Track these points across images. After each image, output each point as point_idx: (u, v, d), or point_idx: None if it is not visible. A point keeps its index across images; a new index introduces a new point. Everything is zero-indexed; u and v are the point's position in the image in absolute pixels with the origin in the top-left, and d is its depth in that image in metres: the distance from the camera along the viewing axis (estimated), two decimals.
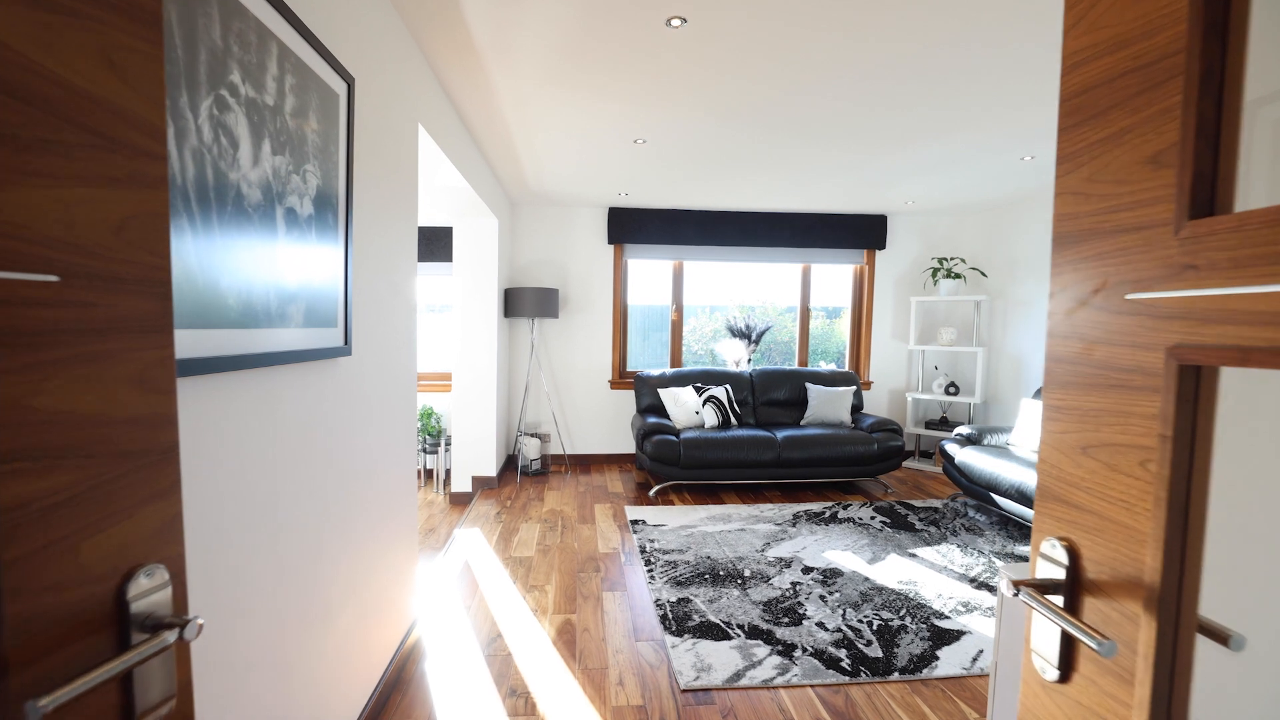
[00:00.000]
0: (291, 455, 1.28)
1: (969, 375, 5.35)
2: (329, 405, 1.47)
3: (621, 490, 4.41)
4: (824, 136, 3.18)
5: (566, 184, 4.28)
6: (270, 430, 1.18)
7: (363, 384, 1.68)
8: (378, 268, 1.76)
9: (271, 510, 1.19)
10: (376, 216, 1.75)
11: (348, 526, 1.61)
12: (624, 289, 5.27)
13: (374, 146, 1.71)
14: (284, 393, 1.23)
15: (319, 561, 1.43)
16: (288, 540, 1.26)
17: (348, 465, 1.61)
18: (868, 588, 2.81)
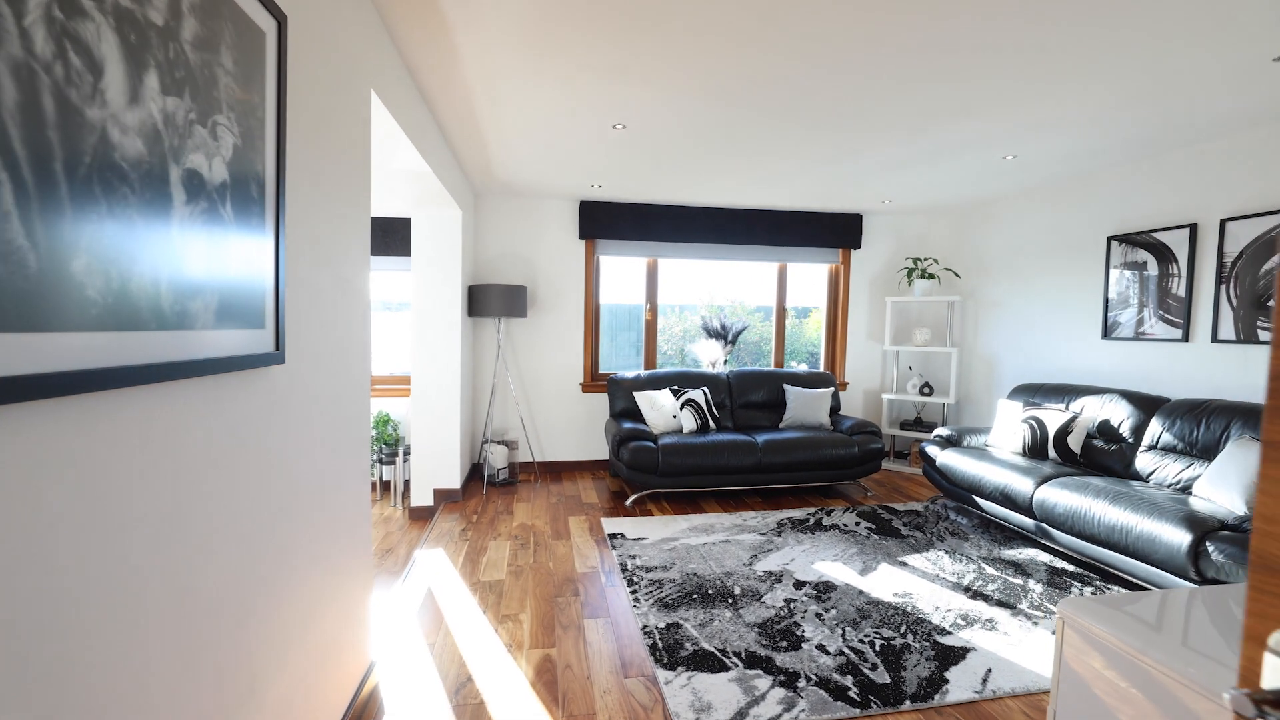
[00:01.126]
0: (201, 496, 0.99)
1: (942, 376, 5.31)
2: (256, 426, 1.18)
3: (596, 500, 4.16)
4: (810, 123, 3.00)
5: (537, 173, 4.00)
6: (165, 469, 0.89)
7: (302, 396, 1.39)
8: (322, 257, 1.47)
9: (168, 580, 0.91)
10: (321, 196, 1.45)
11: (285, 571, 1.32)
12: (596, 287, 5.02)
13: (317, 110, 1.42)
14: (186, 417, 0.94)
15: (244, 625, 1.14)
16: (195, 614, 0.97)
17: (284, 496, 1.32)
18: (864, 602, 2.64)
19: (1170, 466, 3.07)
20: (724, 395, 4.78)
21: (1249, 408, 2.87)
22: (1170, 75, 2.41)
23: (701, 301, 5.57)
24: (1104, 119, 2.88)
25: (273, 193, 1.15)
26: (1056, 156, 3.47)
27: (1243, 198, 3.09)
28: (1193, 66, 2.34)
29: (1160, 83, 2.47)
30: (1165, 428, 3.16)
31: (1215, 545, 2.36)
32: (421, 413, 3.89)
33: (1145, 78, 2.44)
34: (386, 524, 3.71)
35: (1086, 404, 3.61)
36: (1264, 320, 3.00)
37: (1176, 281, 3.39)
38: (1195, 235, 3.30)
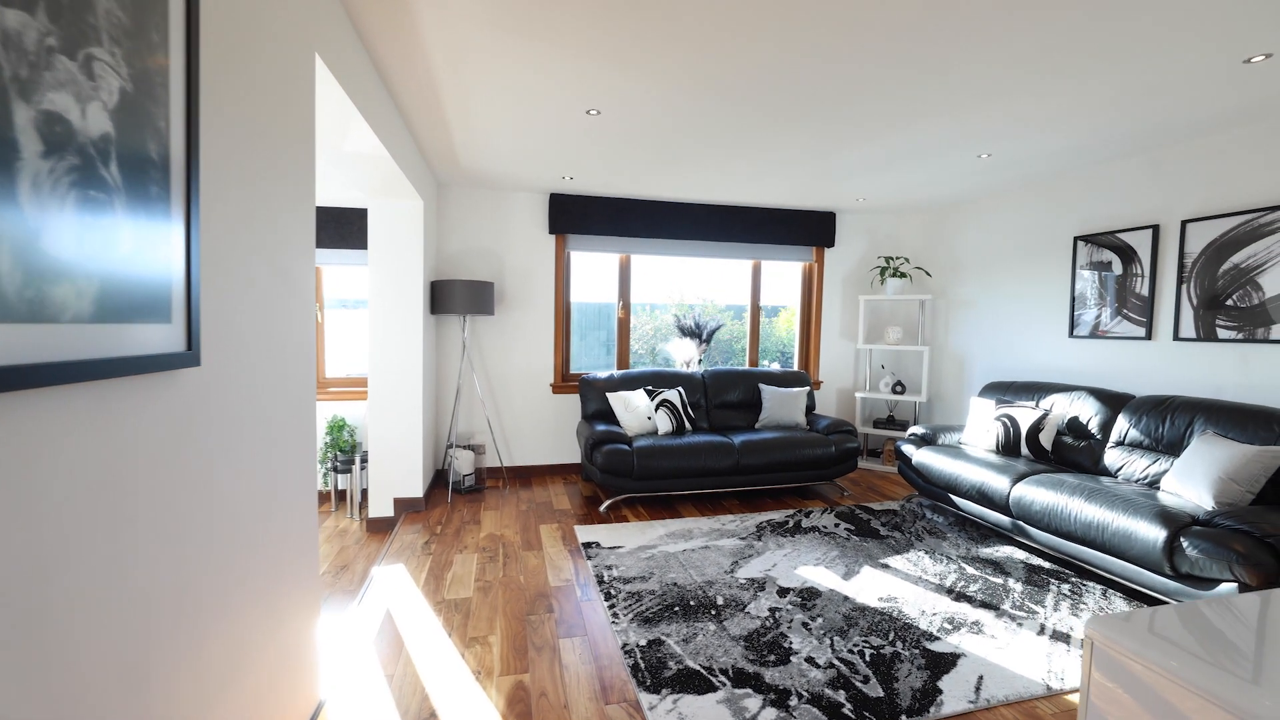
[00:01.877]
0: (76, 535, 0.80)
1: (913, 374, 5.34)
2: (161, 440, 0.98)
3: (568, 506, 3.99)
4: (790, 116, 2.91)
5: (505, 162, 3.81)
6: (22, 507, 0.70)
7: (225, 402, 1.20)
8: (255, 244, 1.28)
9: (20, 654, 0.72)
10: (253, 171, 1.26)
11: (206, 614, 1.13)
12: (566, 284, 4.84)
13: (246, 68, 1.22)
14: (50, 433, 0.75)
15: (146, 684, 0.95)
16: (71, 687, 0.79)
17: (202, 523, 1.13)
18: (849, 609, 2.57)
19: (1137, 462, 3.11)
20: (699, 395, 4.68)
21: (1210, 404, 2.91)
22: (1139, 79, 2.41)
23: (672, 300, 5.46)
24: (1076, 120, 2.88)
25: (182, 159, 0.96)
26: (1029, 157, 3.48)
27: (1201, 200, 3.14)
28: (1162, 70, 2.34)
29: (1128, 87, 2.47)
30: (1132, 424, 3.20)
31: (1189, 541, 2.36)
32: (380, 417, 3.65)
33: (1116, 81, 2.43)
34: (342, 537, 3.46)
35: (1056, 401, 3.64)
36: (1222, 319, 3.06)
37: (1140, 281, 3.44)
38: (1157, 236, 3.35)
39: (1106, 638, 1.07)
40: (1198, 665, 0.95)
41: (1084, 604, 2.64)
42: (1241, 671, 0.96)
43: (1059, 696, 2.00)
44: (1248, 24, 2.02)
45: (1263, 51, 2.20)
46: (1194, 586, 2.38)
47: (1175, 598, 2.45)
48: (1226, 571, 2.26)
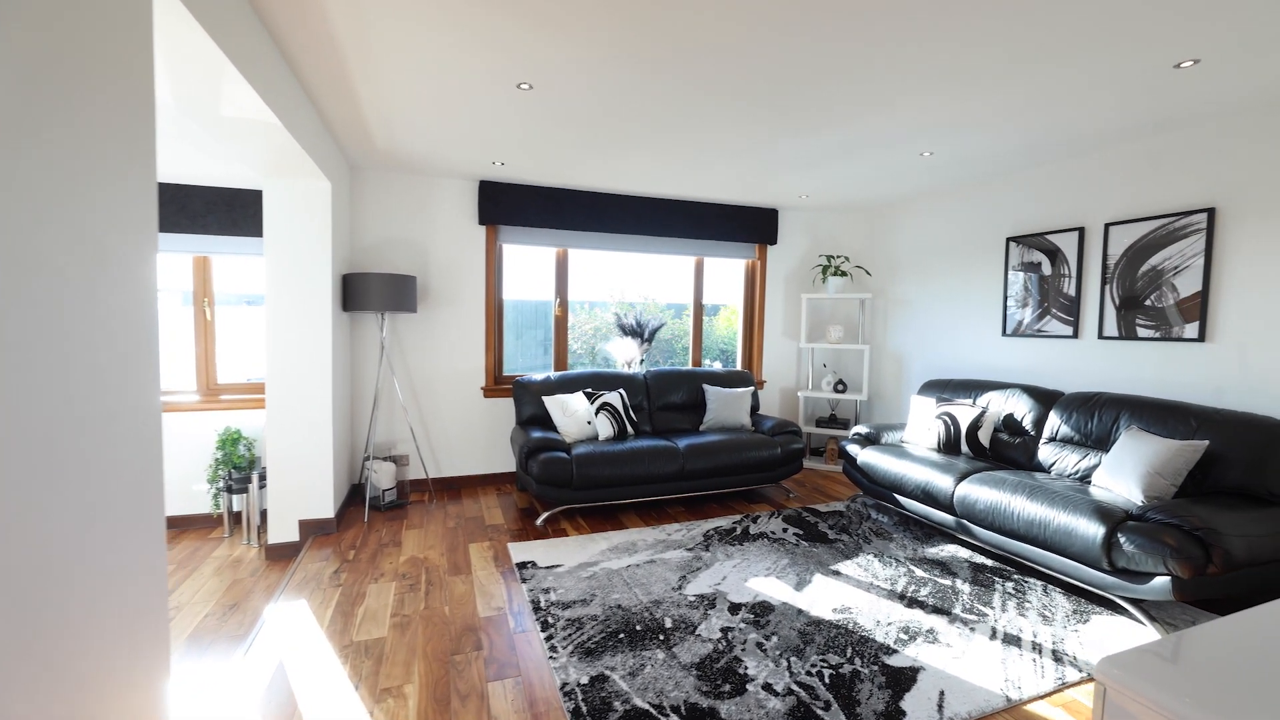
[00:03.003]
0: None
1: (854, 372, 5.37)
2: None
3: (501, 520, 3.68)
4: (736, 102, 2.75)
5: (428, 144, 3.44)
6: None
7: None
8: (61, 220, 0.94)
9: None
10: (49, 120, 0.92)
11: None
12: (499, 279, 4.51)
13: None
14: None
15: None
16: None
17: None
18: (804, 624, 2.43)
19: (1069, 457, 3.17)
20: (641, 397, 4.48)
21: (1133, 400, 3.00)
22: (1075, 80, 2.40)
23: (613, 298, 5.23)
24: (1013, 120, 2.88)
25: None
26: (968, 157, 3.50)
27: (1123, 204, 3.25)
28: (1097, 73, 2.35)
29: (1064, 88, 2.47)
30: (1063, 420, 3.27)
31: (1126, 536, 2.38)
32: (281, 428, 3.21)
33: (1053, 82, 2.42)
34: (235, 569, 3.01)
35: (992, 399, 3.70)
36: (1142, 319, 3.17)
37: (1067, 281, 3.54)
38: (1083, 238, 3.45)
39: (1121, 684, 0.93)
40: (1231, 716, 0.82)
41: (1028, 602, 2.63)
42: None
43: (1019, 708, 1.93)
44: (1179, 29, 2.03)
45: (1192, 57, 2.23)
46: (1130, 581, 2.40)
47: (1112, 592, 2.47)
48: (1161, 565, 2.28)
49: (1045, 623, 2.46)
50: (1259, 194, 2.71)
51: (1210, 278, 2.88)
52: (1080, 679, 2.08)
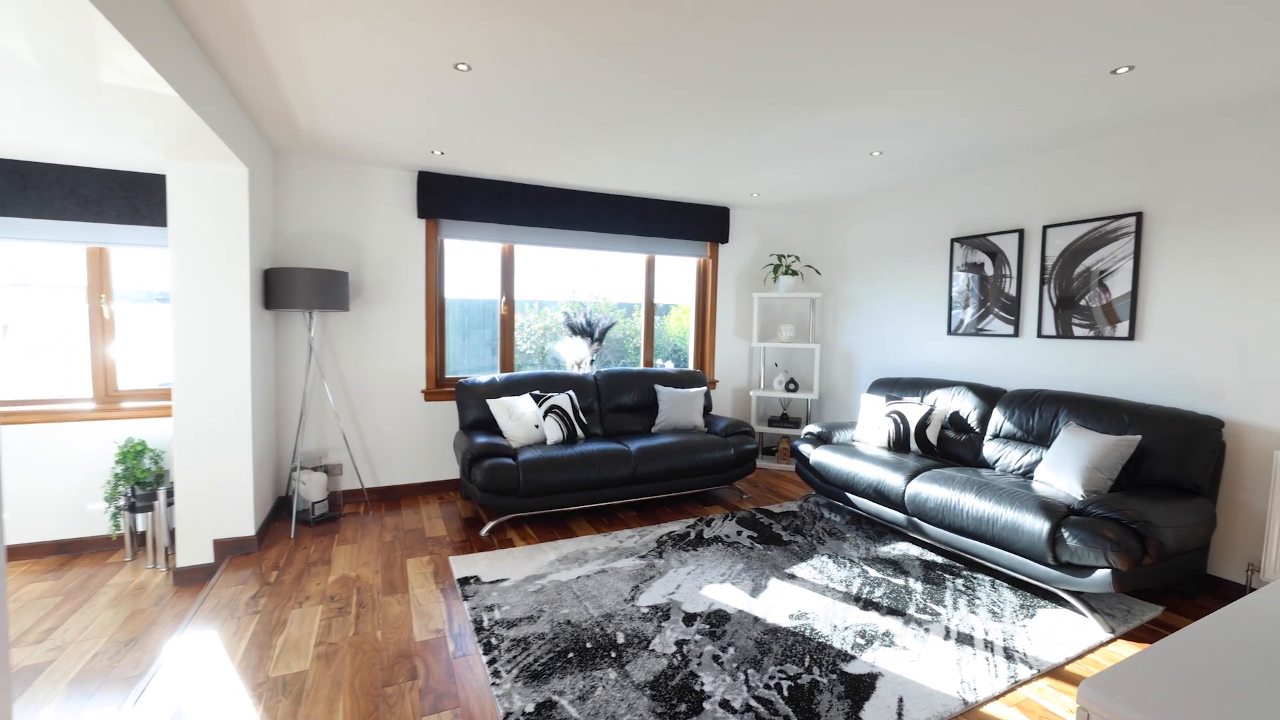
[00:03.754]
0: None
1: (805, 372, 5.40)
2: None
3: (444, 532, 3.46)
4: (689, 96, 2.65)
5: (359, 129, 3.19)
6: None
7: None
8: None
9: None
10: None
11: None
12: (440, 276, 4.27)
13: None
14: None
15: None
16: None
17: None
18: (761, 632, 2.36)
19: (1012, 454, 3.25)
20: (592, 399, 4.33)
21: (1071, 397, 3.09)
22: (1018, 83, 2.43)
23: (564, 297, 5.06)
24: (958, 121, 2.91)
25: None
26: (915, 157, 3.53)
27: (1060, 207, 3.35)
28: (1038, 76, 2.37)
29: (1007, 91, 2.49)
30: (1006, 417, 3.34)
31: (1069, 531, 2.43)
32: (192, 438, 2.89)
33: (996, 85, 2.43)
34: (136, 597, 2.68)
35: (939, 397, 3.76)
36: (1078, 318, 3.28)
37: (1008, 282, 3.63)
38: (1023, 240, 3.55)
39: (1105, 709, 0.87)
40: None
41: (978, 599, 2.65)
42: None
43: (976, 710, 1.91)
44: (1116, 35, 2.06)
45: (1127, 63, 2.28)
46: (1073, 574, 2.45)
47: (1056, 586, 2.52)
48: (1102, 559, 2.33)
49: (995, 619, 2.48)
50: (1182, 200, 2.83)
51: (1139, 279, 3.00)
52: (1031, 676, 2.09)
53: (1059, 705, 1.95)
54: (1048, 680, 2.08)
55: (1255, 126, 2.60)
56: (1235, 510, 2.68)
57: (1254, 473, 2.62)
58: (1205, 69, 2.30)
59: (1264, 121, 2.57)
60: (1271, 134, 2.55)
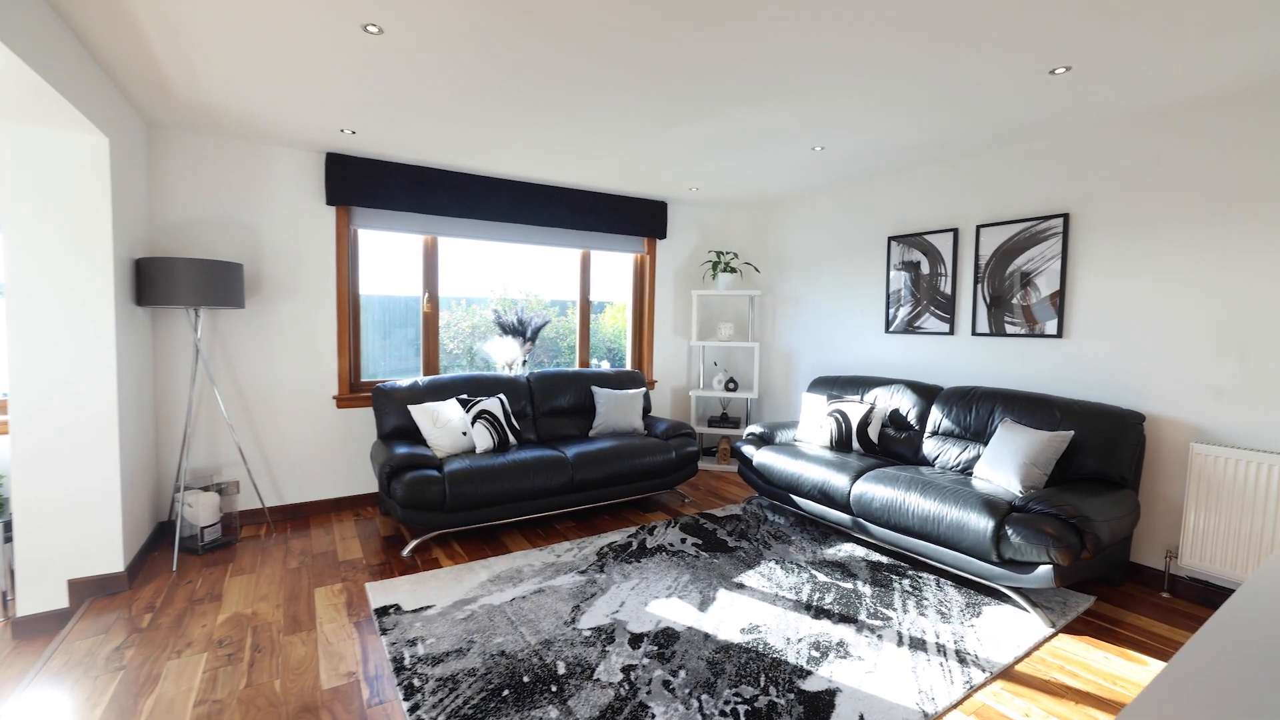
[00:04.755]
0: None
1: (744, 370, 5.35)
2: None
3: (360, 554, 3.10)
4: (628, 76, 2.46)
5: (252, 99, 2.78)
6: None
7: None
8: None
9: None
10: None
11: None
12: (354, 270, 3.86)
13: None
14: None
15: None
16: None
17: None
18: (713, 651, 2.21)
19: (951, 450, 3.28)
20: (525, 402, 4.06)
21: (1005, 393, 3.16)
22: (958, 81, 2.41)
23: (494, 294, 4.75)
24: (897, 119, 2.88)
25: None
26: (855, 154, 3.51)
27: (992, 207, 3.43)
28: (977, 75, 2.36)
29: (947, 89, 2.47)
30: (944, 414, 3.38)
31: (1012, 529, 2.44)
32: (36, 460, 2.40)
33: (936, 83, 2.41)
34: None
35: (878, 395, 3.77)
36: (1009, 317, 3.36)
37: (944, 280, 3.69)
38: (957, 239, 3.61)
39: None
40: None
41: (926, 599, 2.63)
42: None
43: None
44: (1054, 36, 2.06)
45: (1064, 64, 2.30)
46: (1016, 571, 2.46)
47: (999, 582, 2.53)
48: (1044, 555, 2.35)
49: (944, 620, 2.45)
50: (1105, 202, 2.94)
51: (1066, 278, 3.09)
52: (985, 680, 2.05)
53: (1013, 709, 1.91)
54: (1001, 683, 2.05)
55: (1175, 131, 2.71)
56: (1154, 500, 2.80)
57: (1171, 464, 2.74)
58: (1139, 73, 2.35)
59: (1183, 127, 2.69)
60: (1189, 139, 2.67)
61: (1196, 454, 2.59)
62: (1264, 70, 2.31)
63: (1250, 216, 2.50)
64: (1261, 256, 2.48)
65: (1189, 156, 2.66)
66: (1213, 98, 2.57)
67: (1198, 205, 2.64)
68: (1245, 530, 2.47)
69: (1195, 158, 2.65)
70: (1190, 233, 2.67)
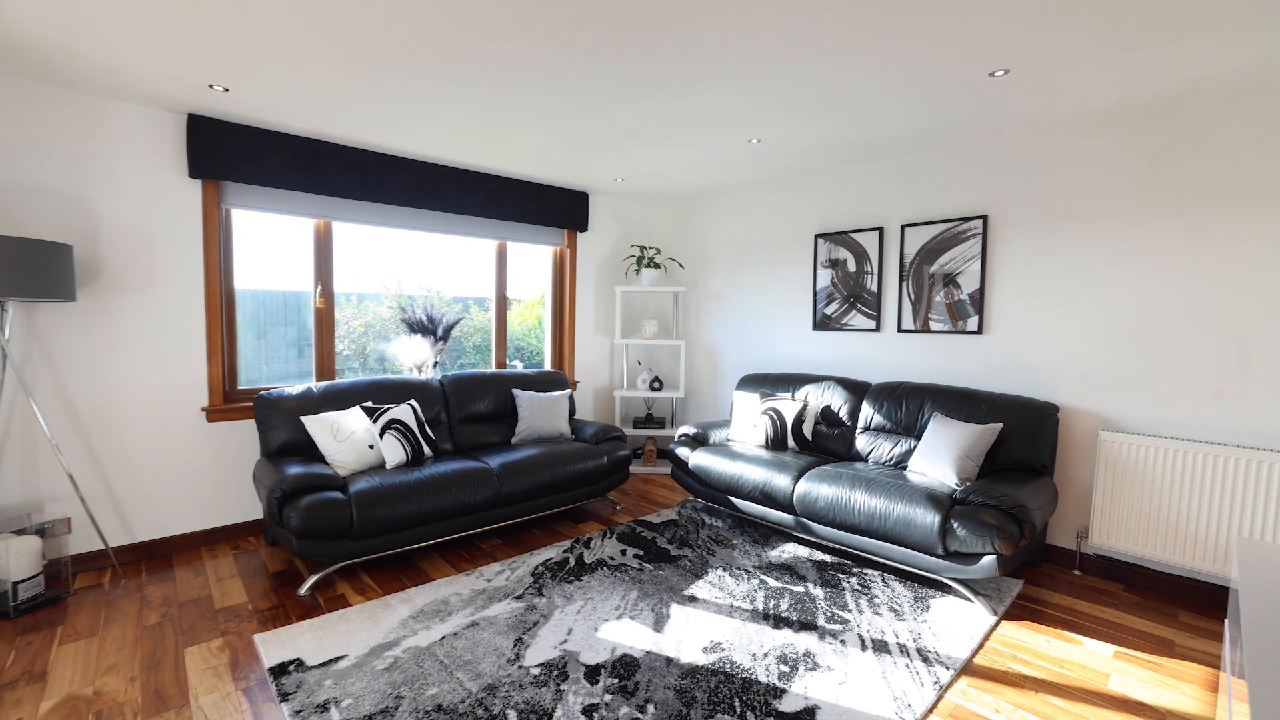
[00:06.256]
0: None
1: (669, 369, 5.24)
2: None
3: (243, 597, 2.57)
4: (554, 49, 2.21)
5: (82, 35, 2.17)
6: None
7: None
8: None
9: None
10: None
11: None
12: (227, 257, 3.24)
13: None
14: None
15: None
16: None
17: None
18: (678, 677, 2.02)
19: (884, 445, 3.35)
20: (439, 408, 3.65)
21: (932, 388, 3.26)
22: (896, 77, 2.42)
23: (388, 289, 4.25)
24: (839, 113, 2.87)
25: None
26: (789, 148, 3.48)
27: (917, 207, 3.55)
28: (917, 71, 2.38)
29: (888, 84, 2.48)
30: (875, 410, 3.45)
31: (957, 522, 2.48)
32: None
33: (874, 78, 2.40)
34: None
35: (810, 392, 3.79)
36: (934, 314, 3.49)
37: (870, 278, 3.77)
38: (883, 238, 3.71)
39: None
40: None
41: (876, 597, 2.62)
42: None
43: None
44: (995, 38, 2.10)
45: (1003, 67, 2.37)
46: (960, 563, 2.51)
47: (945, 575, 2.57)
48: (988, 546, 2.41)
49: (898, 617, 2.44)
50: (1018, 205, 3.12)
51: (986, 278, 3.25)
52: (951, 678, 2.04)
53: (984, 706, 1.90)
54: (966, 680, 2.05)
55: (1085, 140, 2.92)
56: (1067, 485, 3.00)
57: (1081, 451, 2.96)
58: (1073, 77, 2.44)
59: (1091, 135, 2.89)
60: (1097, 147, 2.88)
61: (1104, 441, 2.80)
62: (1169, 87, 2.51)
63: (1139, 223, 2.74)
64: (1151, 258, 2.72)
65: (1086, 165, 2.87)
66: (1122, 109, 2.78)
67: (1096, 211, 2.86)
68: (1147, 509, 2.70)
69: (1088, 167, 2.86)
70: (1090, 237, 2.88)
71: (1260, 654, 0.84)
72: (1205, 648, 2.28)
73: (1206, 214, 2.59)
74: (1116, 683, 2.05)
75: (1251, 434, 2.51)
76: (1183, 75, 2.38)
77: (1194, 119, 2.61)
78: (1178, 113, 2.65)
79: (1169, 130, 2.66)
